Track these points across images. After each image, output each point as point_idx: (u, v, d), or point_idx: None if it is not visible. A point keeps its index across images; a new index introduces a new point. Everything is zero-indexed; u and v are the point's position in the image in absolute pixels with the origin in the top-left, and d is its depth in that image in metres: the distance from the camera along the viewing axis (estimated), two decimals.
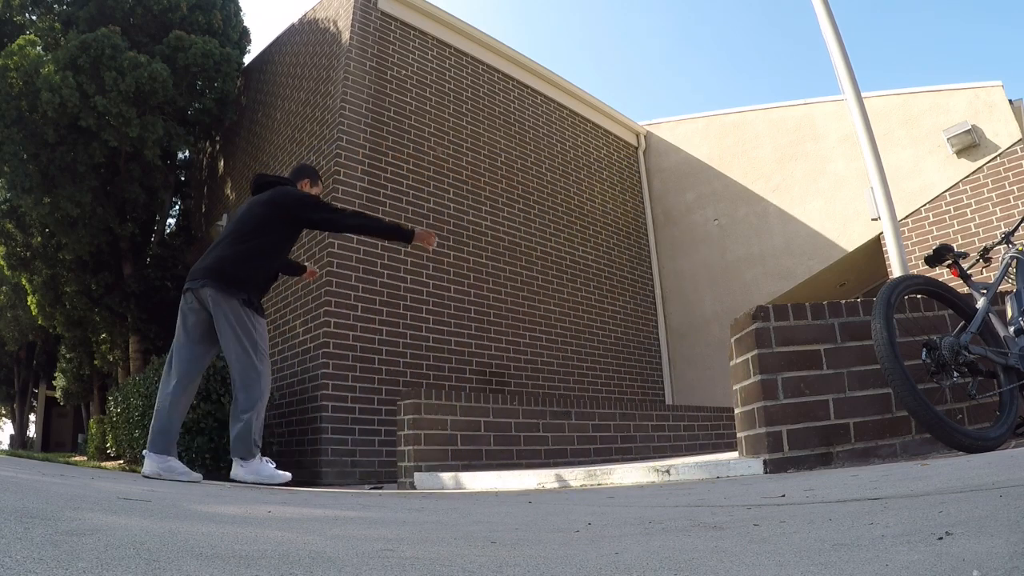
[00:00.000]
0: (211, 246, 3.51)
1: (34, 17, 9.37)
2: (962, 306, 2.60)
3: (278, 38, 8.76)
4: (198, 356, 3.37)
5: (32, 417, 23.05)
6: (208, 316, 3.33)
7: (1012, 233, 2.89)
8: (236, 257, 3.33)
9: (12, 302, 15.19)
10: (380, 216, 3.72)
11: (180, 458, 3.40)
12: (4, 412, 25.62)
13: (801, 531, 1.04)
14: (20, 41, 7.88)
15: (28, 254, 10.69)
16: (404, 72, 6.92)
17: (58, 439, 21.85)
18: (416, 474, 3.92)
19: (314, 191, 3.72)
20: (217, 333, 3.30)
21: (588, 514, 1.61)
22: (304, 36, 7.76)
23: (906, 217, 6.87)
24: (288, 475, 3.37)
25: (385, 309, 5.96)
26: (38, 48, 8.26)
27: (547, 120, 8.46)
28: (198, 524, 1.26)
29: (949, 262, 2.84)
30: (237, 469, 3.25)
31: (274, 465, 3.35)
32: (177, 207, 12.64)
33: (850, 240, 7.55)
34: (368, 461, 5.45)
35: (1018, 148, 6.45)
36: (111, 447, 7.99)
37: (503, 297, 7.02)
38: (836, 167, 7.83)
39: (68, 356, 13.42)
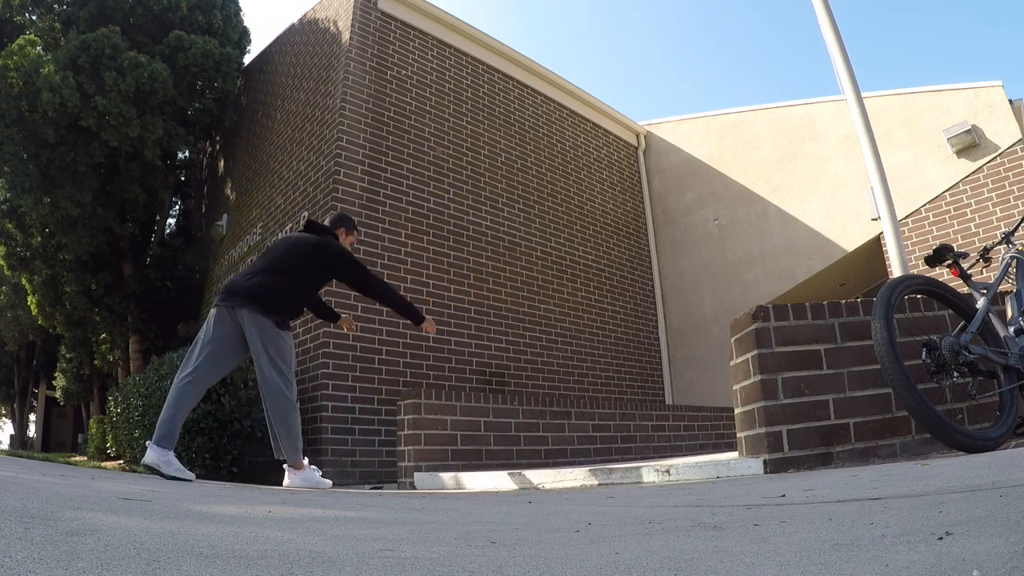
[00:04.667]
0: (250, 270, 3.71)
1: (34, 17, 9.37)
2: (962, 306, 2.59)
3: (278, 38, 8.76)
4: (221, 359, 3.54)
5: (32, 417, 23.03)
6: (239, 331, 3.54)
7: (1012, 233, 2.88)
8: (276, 286, 3.60)
9: (12, 302, 15.18)
10: (402, 295, 4.19)
11: (179, 457, 3.43)
12: (4, 412, 25.61)
13: (801, 531, 1.04)
14: (20, 41, 7.88)
15: (28, 254, 10.68)
16: (404, 72, 6.92)
17: (58, 439, 21.83)
18: (416, 474, 3.92)
19: (348, 240, 4.04)
20: (250, 348, 3.53)
21: (588, 514, 1.61)
22: (304, 36, 7.76)
23: (906, 217, 6.86)
24: (330, 483, 3.68)
25: (385, 309, 5.96)
26: (38, 48, 8.25)
27: (547, 120, 8.46)
28: (198, 524, 1.26)
29: (949, 262, 2.83)
30: (291, 478, 3.55)
31: (319, 473, 3.65)
32: (177, 207, 12.65)
33: (850, 240, 7.55)
34: (368, 461, 5.45)
35: (1018, 148, 6.45)
36: (111, 447, 7.98)
37: (503, 297, 7.02)
38: (836, 167, 7.83)
39: (68, 356, 13.40)
